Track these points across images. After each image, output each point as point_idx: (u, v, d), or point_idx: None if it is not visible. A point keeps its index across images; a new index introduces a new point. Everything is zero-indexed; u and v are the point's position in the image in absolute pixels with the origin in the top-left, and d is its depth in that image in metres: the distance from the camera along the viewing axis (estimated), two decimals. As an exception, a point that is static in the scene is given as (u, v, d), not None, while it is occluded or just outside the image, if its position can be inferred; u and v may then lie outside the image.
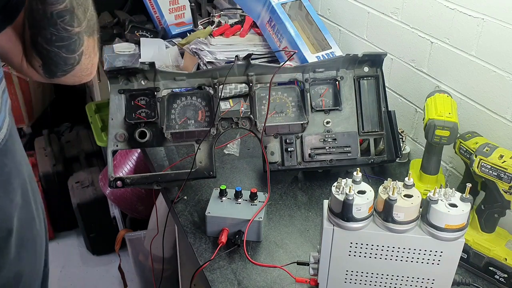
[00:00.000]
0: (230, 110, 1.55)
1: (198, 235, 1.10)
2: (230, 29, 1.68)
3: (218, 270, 1.01)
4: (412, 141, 1.41)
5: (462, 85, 1.21)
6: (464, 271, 1.03)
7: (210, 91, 1.21)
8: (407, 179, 0.83)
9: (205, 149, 1.19)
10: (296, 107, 1.24)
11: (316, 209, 1.20)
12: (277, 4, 1.60)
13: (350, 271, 0.89)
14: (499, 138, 1.12)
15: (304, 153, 1.22)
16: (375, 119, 1.25)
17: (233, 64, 1.16)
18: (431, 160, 1.15)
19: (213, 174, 1.19)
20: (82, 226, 2.39)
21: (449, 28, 1.21)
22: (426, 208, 0.82)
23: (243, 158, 1.38)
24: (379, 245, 0.85)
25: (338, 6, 1.66)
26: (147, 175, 1.19)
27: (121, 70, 1.16)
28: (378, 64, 1.24)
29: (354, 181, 0.84)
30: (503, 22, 1.06)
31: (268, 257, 1.05)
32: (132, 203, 2.13)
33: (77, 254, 2.50)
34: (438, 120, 1.08)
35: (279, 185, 1.28)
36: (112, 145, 1.18)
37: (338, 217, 0.83)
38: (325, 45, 1.59)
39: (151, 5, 2.08)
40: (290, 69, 1.23)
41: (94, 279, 2.37)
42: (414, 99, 1.38)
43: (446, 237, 0.81)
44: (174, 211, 1.18)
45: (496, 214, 1.00)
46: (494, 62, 1.11)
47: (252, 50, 1.66)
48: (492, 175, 0.97)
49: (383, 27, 1.44)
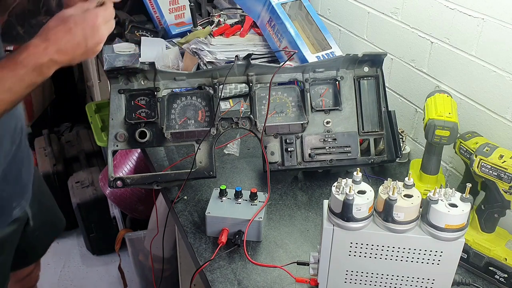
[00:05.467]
0: (230, 110, 1.55)
1: (198, 235, 1.10)
2: (230, 29, 1.68)
3: (218, 270, 1.01)
4: (412, 141, 1.41)
5: (462, 85, 1.21)
6: (464, 271, 1.03)
7: (210, 91, 1.21)
8: (407, 179, 0.83)
9: (205, 149, 1.19)
10: (296, 107, 1.24)
11: (316, 209, 1.20)
12: (277, 4, 1.60)
13: (350, 271, 0.89)
14: (499, 138, 1.12)
15: (304, 153, 1.22)
16: (375, 119, 1.25)
17: (233, 64, 1.16)
18: (431, 160, 1.15)
19: (213, 174, 1.19)
20: (82, 226, 2.38)
21: (449, 28, 1.21)
22: (426, 208, 0.82)
23: (243, 158, 1.38)
24: (379, 245, 0.85)
25: (338, 6, 1.66)
26: (147, 175, 1.19)
27: (121, 70, 1.16)
28: (378, 64, 1.24)
29: (354, 181, 0.84)
30: (503, 22, 1.06)
31: (268, 257, 1.05)
32: (132, 203, 2.12)
33: (77, 254, 2.50)
34: (438, 120, 1.08)
35: (279, 185, 1.28)
36: (112, 145, 1.18)
37: (338, 217, 0.83)
38: (325, 45, 1.59)
39: (151, 5, 2.08)
40: (290, 69, 1.23)
41: (94, 279, 2.37)
42: (414, 99, 1.38)
43: (446, 237, 0.81)
44: (174, 211, 1.18)
45: (496, 214, 1.00)
46: (494, 62, 1.11)
47: (252, 50, 1.66)
48: (492, 175, 0.97)
49: (383, 27, 1.43)
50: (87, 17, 0.88)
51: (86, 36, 0.87)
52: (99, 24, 0.89)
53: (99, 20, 0.89)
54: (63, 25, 0.86)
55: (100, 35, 0.89)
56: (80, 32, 0.86)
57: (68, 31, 0.86)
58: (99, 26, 0.89)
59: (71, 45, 0.86)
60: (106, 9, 0.92)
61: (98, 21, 0.88)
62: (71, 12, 0.88)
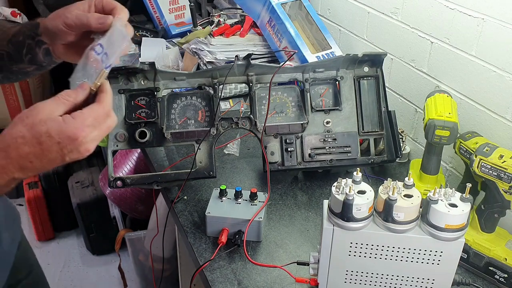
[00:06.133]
0: (230, 110, 1.55)
1: (198, 235, 1.10)
2: (230, 29, 1.68)
3: (218, 270, 1.01)
4: (412, 141, 1.41)
5: (462, 85, 1.21)
6: (464, 271, 1.03)
7: (210, 91, 1.21)
8: (407, 179, 0.83)
9: (205, 149, 1.19)
10: (296, 107, 1.24)
11: (316, 209, 1.20)
12: (277, 4, 1.60)
13: (350, 271, 0.89)
14: (499, 138, 1.12)
15: (304, 153, 1.22)
16: (375, 119, 1.25)
17: (233, 64, 1.16)
18: (431, 160, 1.15)
19: (213, 174, 1.19)
20: (82, 226, 2.39)
21: (449, 28, 1.21)
22: (426, 208, 0.82)
23: (243, 158, 1.38)
24: (379, 245, 0.85)
25: (338, 6, 1.66)
26: (147, 175, 1.19)
27: (121, 70, 1.16)
28: (378, 64, 1.24)
29: (354, 181, 0.84)
30: (503, 22, 1.06)
31: (268, 257, 1.05)
32: (132, 203, 2.12)
33: (77, 254, 2.50)
34: (438, 120, 1.08)
35: (279, 185, 1.28)
36: (112, 145, 1.18)
37: (338, 217, 0.83)
38: (325, 45, 1.59)
39: (151, 5, 2.08)
40: (290, 69, 1.23)
41: (94, 279, 2.37)
42: (414, 99, 1.38)
43: (446, 237, 0.81)
44: (174, 211, 1.18)
45: (496, 214, 1.00)
46: (494, 62, 1.11)
47: (252, 50, 1.66)
48: (492, 175, 0.97)
49: (383, 27, 1.43)
50: (67, 126, 0.62)
51: (63, 153, 0.63)
52: (84, 137, 0.63)
53: (85, 131, 0.63)
54: (31, 136, 0.62)
55: (84, 150, 0.65)
56: (55, 148, 0.62)
57: (37, 146, 0.62)
58: (82, 141, 0.63)
59: (40, 163, 0.63)
60: (101, 106, 0.67)
61: (83, 133, 0.63)
62: (46, 113, 0.63)
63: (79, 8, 0.77)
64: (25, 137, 0.61)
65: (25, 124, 0.62)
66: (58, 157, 0.63)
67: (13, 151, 0.62)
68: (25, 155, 0.62)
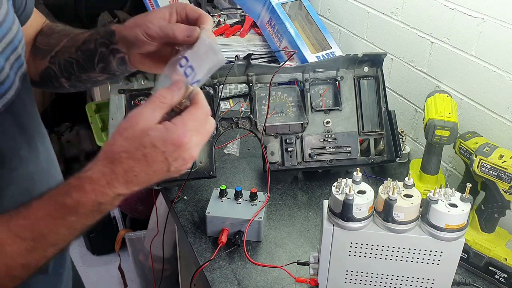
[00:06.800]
0: (230, 110, 1.55)
1: (198, 235, 1.10)
2: (230, 29, 1.69)
3: (218, 270, 1.01)
4: (412, 141, 1.41)
5: (462, 85, 1.21)
6: (464, 271, 1.03)
7: (210, 91, 1.20)
8: (407, 179, 0.83)
9: (205, 149, 1.19)
10: (296, 107, 1.24)
11: (316, 209, 1.20)
12: (277, 4, 1.60)
13: (350, 271, 0.89)
14: (499, 138, 1.12)
15: (304, 153, 1.22)
16: (375, 119, 1.25)
17: (233, 64, 1.16)
18: (431, 160, 1.15)
19: (213, 174, 1.19)
20: (82, 226, 2.38)
21: (449, 28, 1.21)
22: (426, 208, 0.82)
23: (243, 158, 1.38)
24: (379, 245, 0.85)
25: (338, 6, 1.66)
26: (147, 175, 1.18)
27: (121, 70, 1.16)
28: (378, 64, 1.24)
29: (354, 181, 0.84)
30: (503, 22, 1.06)
31: (268, 257, 1.05)
32: (132, 203, 2.13)
33: (77, 254, 2.50)
34: (438, 120, 1.08)
35: (279, 185, 1.28)
36: (112, 145, 1.18)
37: (338, 217, 0.83)
38: (325, 45, 1.59)
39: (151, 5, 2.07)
40: (290, 69, 1.23)
41: (94, 279, 2.37)
42: (414, 99, 1.38)
43: (446, 237, 0.81)
44: (174, 211, 1.18)
45: (496, 214, 1.00)
46: (494, 62, 1.11)
47: (252, 50, 1.66)
48: (492, 175, 0.97)
49: (383, 27, 1.43)
50: (170, 134, 0.59)
51: (169, 162, 0.60)
52: (187, 143, 0.60)
53: (188, 137, 0.60)
54: (134, 149, 0.59)
55: (189, 156, 0.61)
56: (160, 158, 0.60)
57: (142, 158, 0.59)
58: (186, 147, 0.60)
59: (146, 175, 0.60)
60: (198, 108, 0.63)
61: (185, 139, 0.59)
62: (145, 123, 0.60)
63: (159, 16, 0.71)
64: (128, 151, 0.59)
65: (125, 137, 0.59)
66: (163, 167, 0.60)
67: (117, 167, 0.59)
68: (130, 169, 0.59)
